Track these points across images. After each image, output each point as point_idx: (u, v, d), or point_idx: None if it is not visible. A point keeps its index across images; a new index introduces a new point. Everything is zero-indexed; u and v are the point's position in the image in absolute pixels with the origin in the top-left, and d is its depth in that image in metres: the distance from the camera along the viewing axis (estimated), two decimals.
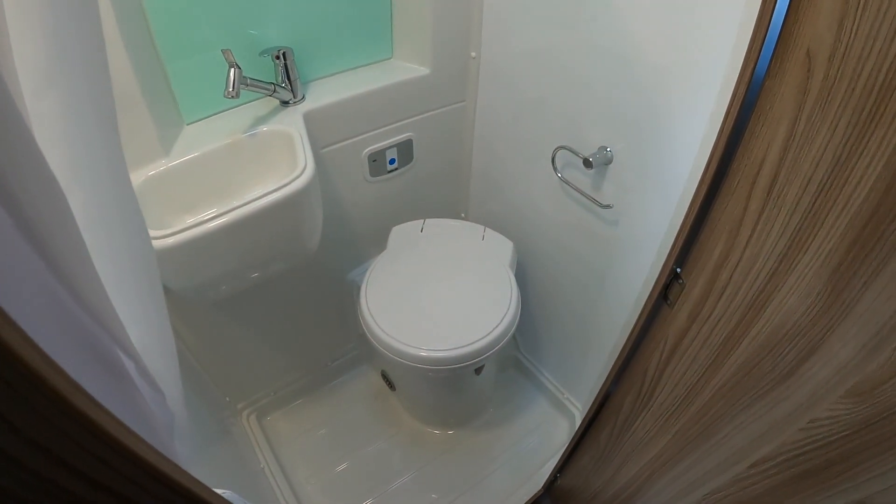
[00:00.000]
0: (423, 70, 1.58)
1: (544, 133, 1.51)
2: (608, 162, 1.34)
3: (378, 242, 1.87)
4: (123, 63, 1.16)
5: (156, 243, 1.13)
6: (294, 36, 1.44)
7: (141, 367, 0.45)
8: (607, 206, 1.37)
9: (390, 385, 1.96)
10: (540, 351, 2.09)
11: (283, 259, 1.44)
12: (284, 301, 1.81)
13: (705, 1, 0.99)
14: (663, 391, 1.07)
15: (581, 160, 1.34)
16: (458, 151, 1.87)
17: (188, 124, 1.43)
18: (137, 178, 1.28)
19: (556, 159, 1.46)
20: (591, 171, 1.36)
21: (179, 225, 1.17)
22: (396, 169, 1.72)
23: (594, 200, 1.39)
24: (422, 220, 1.82)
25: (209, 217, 1.18)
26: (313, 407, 2.11)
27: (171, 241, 1.15)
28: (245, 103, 1.47)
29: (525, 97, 1.53)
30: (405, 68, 1.61)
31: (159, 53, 1.29)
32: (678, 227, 0.90)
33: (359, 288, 1.65)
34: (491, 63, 1.59)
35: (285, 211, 1.25)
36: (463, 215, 2.07)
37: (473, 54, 1.61)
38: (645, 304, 1.05)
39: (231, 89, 1.22)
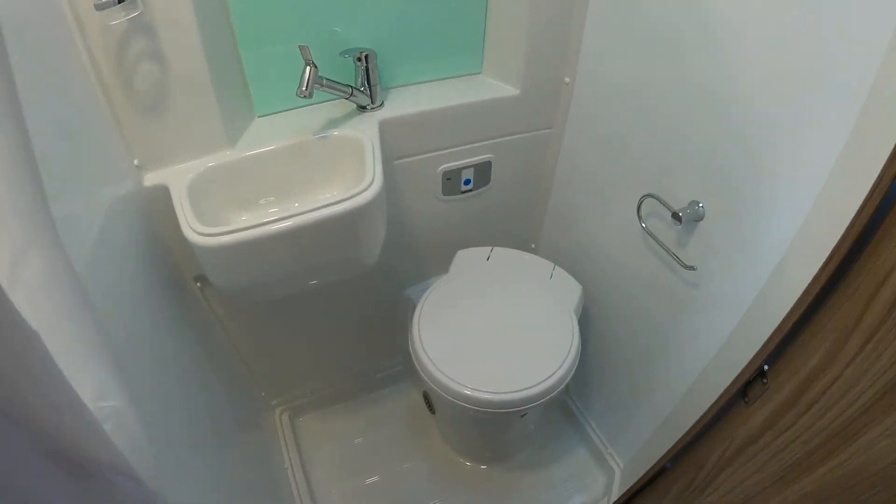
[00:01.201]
0: (513, 90, 1.48)
1: (632, 175, 1.39)
2: (698, 218, 1.21)
3: (441, 262, 1.78)
4: (194, 46, 1.11)
5: (211, 240, 1.08)
6: (379, 38, 1.36)
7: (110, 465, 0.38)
8: (689, 268, 1.24)
9: (430, 408, 1.88)
10: (589, 397, 1.97)
11: (340, 270, 1.37)
12: (335, 304, 1.76)
13: (835, 42, 0.82)
14: (716, 492, 0.95)
15: (669, 213, 1.21)
16: (538, 180, 1.76)
17: (259, 117, 1.38)
18: (198, 166, 1.23)
19: (642, 207, 1.34)
20: (679, 227, 1.23)
21: (236, 222, 1.12)
22: (471, 190, 1.63)
23: (676, 258, 1.26)
24: (489, 248, 1.73)
25: (268, 220, 1.12)
26: (349, 415, 2.05)
27: (227, 238, 1.09)
28: (321, 102, 1.41)
29: (616, 133, 1.41)
30: (493, 86, 1.51)
31: (236, 40, 1.24)
32: (774, 318, 0.78)
33: (414, 306, 1.58)
34: (584, 91, 1.48)
35: (347, 223, 1.18)
36: (533, 246, 1.97)
37: (567, 80, 1.51)
38: (721, 396, 0.93)
39: (304, 88, 1.16)
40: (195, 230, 1.10)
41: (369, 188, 1.17)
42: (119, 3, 0.96)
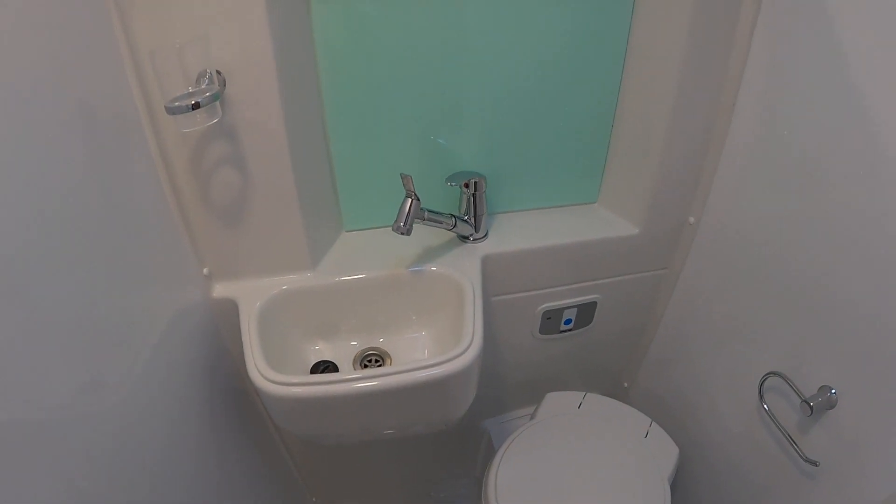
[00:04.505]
0: (632, 229, 1.31)
1: (754, 341, 1.21)
2: (830, 407, 1.03)
3: (525, 396, 1.64)
4: (281, 155, 1.00)
5: (280, 389, 0.94)
6: (488, 158, 1.23)
7: None
8: (811, 462, 1.06)
9: None
10: None
11: (424, 425, 1.21)
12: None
13: None
14: None
15: (798, 399, 1.05)
16: (644, 322, 1.58)
17: (347, 231, 1.26)
18: (274, 285, 1.11)
19: (765, 385, 1.15)
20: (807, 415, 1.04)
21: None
22: (571, 330, 1.46)
23: (796, 447, 1.08)
24: (582, 394, 1.54)
25: (349, 378, 0.96)
26: None
27: (298, 391, 0.94)
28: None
29: (742, 284, 1.23)
30: (610, 221, 1.34)
31: (330, 148, 1.13)
32: None
33: (490, 440, 1.44)
34: (709, 233, 1.30)
35: (438, 387, 1.01)
36: (626, 385, 1.77)
37: (692, 220, 1.33)
38: None
39: (403, 224, 1.03)
40: (263, 374, 0.95)
41: (468, 351, 1.00)
42: (193, 109, 0.82)
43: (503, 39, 1.10)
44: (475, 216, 1.20)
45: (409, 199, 1.03)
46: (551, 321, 1.41)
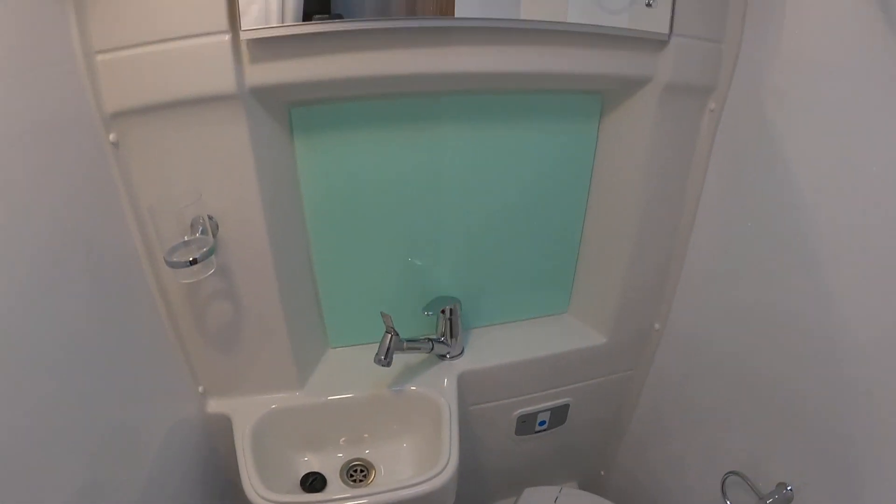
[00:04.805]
0: (600, 339, 1.41)
1: (714, 436, 1.32)
2: (786, 502, 1.11)
3: (506, 491, 1.71)
4: (270, 291, 1.10)
5: None
6: (465, 280, 1.34)
7: None
8: None
9: None
10: None
11: None
12: None
13: None
14: None
15: (755, 496, 1.14)
16: (616, 416, 1.67)
17: (333, 348, 1.35)
18: (265, 403, 1.20)
19: (727, 485, 1.23)
20: None
21: (303, 495, 1.14)
22: (545, 430, 1.55)
23: None
24: (557, 489, 1.62)
25: (337, 498, 1.06)
26: None
27: None
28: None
29: (705, 386, 1.33)
30: (579, 332, 1.44)
31: (315, 277, 1.23)
32: None
33: None
34: (673, 338, 1.41)
35: (421, 501, 1.09)
36: (602, 473, 1.84)
37: (657, 326, 1.43)
38: None
39: (384, 358, 1.13)
40: (258, 492, 1.04)
41: (444, 470, 1.09)
42: (192, 264, 0.93)
43: (476, 174, 1.22)
44: (452, 337, 1.30)
45: (389, 335, 1.13)
46: (526, 424, 1.49)
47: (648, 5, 1.05)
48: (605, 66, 1.09)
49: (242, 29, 0.85)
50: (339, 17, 0.89)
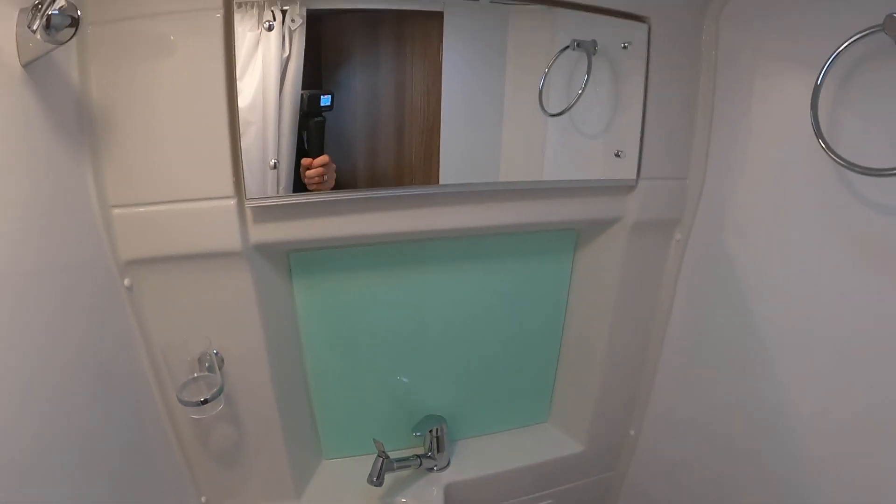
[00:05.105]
0: (578, 447, 1.49)
1: None
2: None
3: None
4: (271, 415, 1.17)
5: None
6: (452, 397, 1.42)
7: None
8: None
9: None
10: None
11: None
12: None
13: None
14: None
15: None
16: None
17: (326, 459, 1.41)
18: None
19: None
20: None
21: None
22: None
23: None
24: None
25: None
26: None
27: None
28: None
29: (679, 488, 1.42)
30: (558, 441, 1.52)
31: (311, 399, 1.31)
32: None
33: None
34: (649, 442, 1.50)
35: None
36: None
37: (632, 432, 1.51)
38: None
39: (376, 479, 1.20)
40: None
41: None
42: (203, 404, 1.01)
43: (461, 306, 1.33)
44: (439, 452, 1.37)
45: (381, 459, 1.20)
46: None
47: (617, 156, 1.16)
48: (578, 212, 1.21)
49: (247, 198, 0.95)
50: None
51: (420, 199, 1.07)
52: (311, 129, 0.98)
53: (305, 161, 0.98)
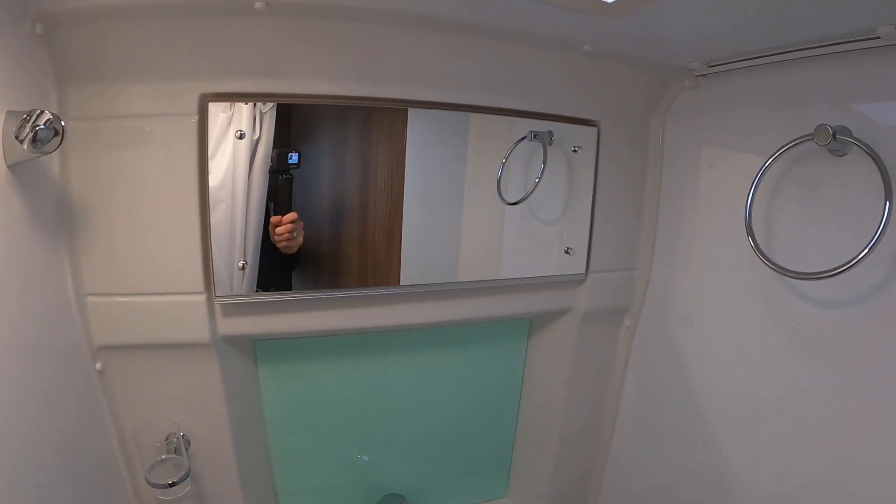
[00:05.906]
0: None
1: None
2: None
3: None
4: (231, 482, 1.20)
5: None
6: (412, 474, 1.46)
7: None
8: None
9: None
10: None
11: None
12: None
13: None
14: None
15: None
16: None
17: None
18: None
19: None
20: None
21: None
22: None
23: None
24: None
25: None
26: None
27: None
28: None
29: None
30: None
31: (273, 472, 1.33)
32: None
33: None
34: None
35: None
36: None
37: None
38: None
39: None
40: None
41: None
42: (170, 486, 1.05)
43: (420, 390, 1.39)
44: None
45: None
46: None
47: (567, 252, 1.25)
48: (531, 305, 1.29)
49: (217, 296, 1.01)
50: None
51: (381, 297, 1.13)
52: (279, 186, 1.02)
53: (274, 219, 1.02)
